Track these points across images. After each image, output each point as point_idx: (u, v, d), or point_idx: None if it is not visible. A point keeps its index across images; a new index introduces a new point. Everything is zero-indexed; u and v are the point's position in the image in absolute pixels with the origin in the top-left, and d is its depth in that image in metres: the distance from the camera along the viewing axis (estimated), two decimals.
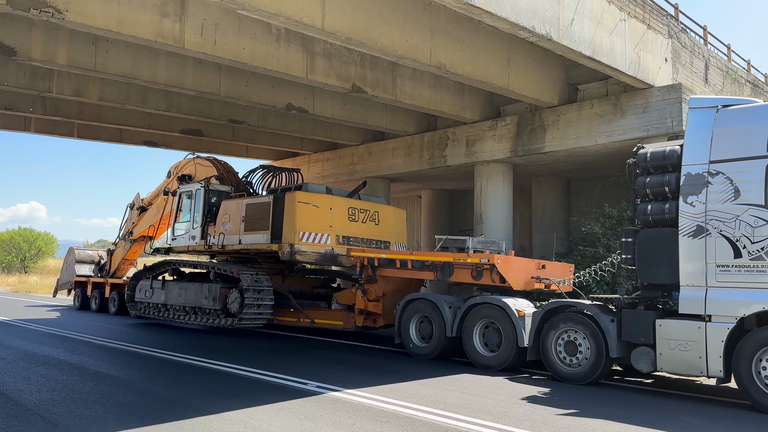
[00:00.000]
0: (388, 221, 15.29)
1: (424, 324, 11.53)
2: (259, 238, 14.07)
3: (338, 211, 14.14)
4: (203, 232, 15.69)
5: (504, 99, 17.02)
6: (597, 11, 12.44)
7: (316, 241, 13.61)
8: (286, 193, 13.86)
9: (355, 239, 14.29)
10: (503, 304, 10.36)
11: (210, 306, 14.44)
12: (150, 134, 21.95)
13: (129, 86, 16.54)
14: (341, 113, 17.85)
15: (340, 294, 14.33)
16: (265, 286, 13.79)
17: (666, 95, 14.01)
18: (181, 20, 11.75)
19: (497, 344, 10.42)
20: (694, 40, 16.11)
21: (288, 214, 13.52)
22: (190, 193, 16.35)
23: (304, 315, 14.46)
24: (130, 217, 20.74)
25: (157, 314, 16.33)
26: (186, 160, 17.91)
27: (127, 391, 8.12)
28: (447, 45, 12.79)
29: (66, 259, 24.37)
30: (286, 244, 13.40)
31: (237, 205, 14.91)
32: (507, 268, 10.94)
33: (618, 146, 15.09)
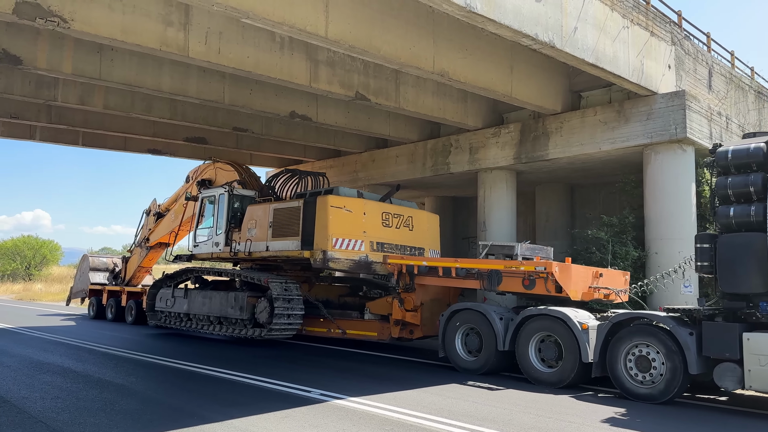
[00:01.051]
0: (422, 227, 14.61)
1: (471, 336, 10.77)
2: (288, 245, 13.44)
3: (371, 216, 13.46)
4: (227, 238, 15.12)
5: (507, 106, 17.04)
6: (600, 19, 12.46)
7: (350, 248, 12.98)
8: (318, 197, 13.20)
9: (389, 245, 13.60)
10: (563, 316, 9.52)
11: (236, 316, 13.88)
12: (154, 142, 22.03)
13: (133, 94, 16.61)
14: (345, 121, 17.90)
15: (373, 303, 13.57)
16: (295, 294, 13.22)
17: (670, 102, 14.00)
18: (185, 29, 11.82)
19: (556, 359, 9.65)
20: (697, 47, 16.12)
21: (320, 219, 12.88)
22: (213, 198, 15.78)
23: (335, 325, 13.81)
24: (147, 223, 20.24)
25: (178, 324, 15.72)
26: (205, 164, 17.46)
27: (131, 399, 8.11)
28: (450, 52, 12.83)
29: (79, 267, 23.80)
30: (319, 250, 12.74)
31: (264, 210, 14.29)
32: (566, 276, 10.09)
33: (621, 153, 15.08)
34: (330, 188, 13.95)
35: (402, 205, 14.61)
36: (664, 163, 14.21)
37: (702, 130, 14.32)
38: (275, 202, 14.34)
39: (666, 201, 14.11)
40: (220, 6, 9.70)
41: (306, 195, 13.88)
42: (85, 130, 19.88)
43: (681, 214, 13.96)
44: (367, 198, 13.86)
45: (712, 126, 14.78)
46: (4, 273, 49.86)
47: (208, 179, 16.85)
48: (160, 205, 19.69)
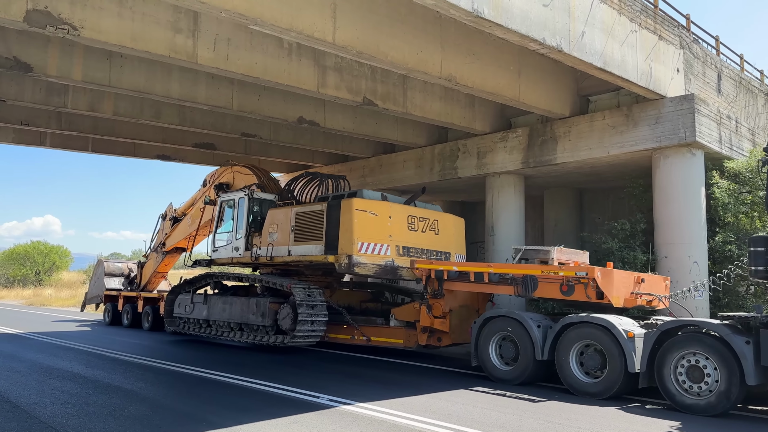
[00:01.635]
0: (448, 230, 14.23)
1: (506, 345, 10.41)
2: (311, 249, 13.15)
3: (397, 220, 13.10)
4: (247, 242, 14.84)
5: (515, 110, 17.02)
6: (608, 23, 12.43)
7: (375, 252, 12.62)
8: (342, 200, 12.91)
9: (415, 250, 13.26)
10: (607, 324, 9.09)
11: (258, 322, 13.60)
12: (163, 148, 22.14)
13: (143, 101, 16.71)
14: (352, 126, 17.93)
15: (399, 310, 13.25)
16: (319, 300, 12.93)
17: (678, 106, 13.93)
18: (194, 36, 11.89)
19: (599, 369, 9.27)
20: (706, 51, 16.04)
21: (344, 222, 12.56)
22: (232, 202, 15.55)
23: (359, 332, 13.47)
24: (163, 228, 19.97)
25: (197, 331, 15.46)
26: (223, 168, 17.23)
27: (140, 405, 8.14)
28: (457, 57, 12.83)
29: (94, 272, 23.44)
30: (344, 255, 12.39)
31: (285, 214, 14.00)
32: (608, 282, 9.61)
33: (630, 157, 15.01)
34: (354, 191, 13.60)
35: (426, 208, 14.25)
36: (673, 167, 14.13)
37: (711, 133, 14.25)
38: (297, 206, 14.03)
39: (675, 205, 14.02)
40: (228, 13, 9.76)
41: (328, 198, 13.57)
42: (95, 136, 20.00)
43: (690, 219, 13.87)
44: (392, 201, 13.51)
45: (721, 129, 14.70)
46: (15, 278, 50.21)
47: (225, 183, 16.60)
48: (176, 209, 19.46)
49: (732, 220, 14.25)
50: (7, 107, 17.18)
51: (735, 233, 14.10)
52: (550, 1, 11.11)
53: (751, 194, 14.23)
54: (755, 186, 14.24)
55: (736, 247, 13.82)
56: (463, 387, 9.98)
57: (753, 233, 13.98)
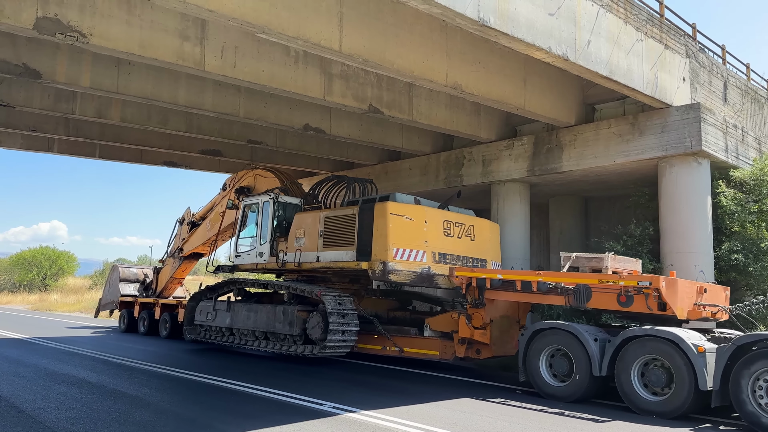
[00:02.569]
0: (484, 236, 13.59)
1: (558, 359, 9.80)
2: (341, 255, 12.61)
3: (433, 225, 12.51)
4: (272, 248, 14.34)
5: (520, 118, 17.03)
6: (613, 32, 12.46)
7: (411, 259, 12.03)
8: (376, 203, 12.31)
9: (452, 257, 12.65)
10: (675, 338, 8.50)
11: (285, 331, 13.02)
12: (170, 155, 22.26)
13: (150, 108, 16.82)
14: (358, 133, 17.98)
15: (434, 319, 12.61)
16: (350, 309, 12.31)
17: (684, 115, 13.92)
18: (201, 44, 11.98)
19: (664, 386, 8.67)
20: (712, 60, 16.04)
21: (378, 227, 11.99)
22: (256, 206, 15.04)
23: (391, 342, 12.85)
24: (180, 232, 19.50)
25: (220, 339, 14.89)
26: (244, 171, 16.82)
27: (144, 410, 8.15)
28: (463, 66, 12.88)
29: (109, 278, 22.81)
30: (378, 262, 11.82)
31: (313, 218, 13.46)
32: (672, 292, 9.06)
33: (636, 166, 14.99)
34: (385, 194, 13.04)
35: (461, 212, 13.60)
36: (680, 176, 14.10)
37: (717, 142, 14.22)
38: (326, 210, 13.56)
39: (681, 214, 13.98)
40: (236, 21, 9.84)
41: (358, 202, 13.05)
42: (102, 142, 20.13)
43: (697, 228, 13.83)
44: (424, 205, 12.88)
45: (727, 139, 14.67)
46: (21, 283, 50.41)
47: (247, 187, 16.11)
48: (194, 213, 19.06)
49: (738, 229, 14.20)
50: (15, 113, 17.33)
51: (741, 242, 14.04)
52: (555, 10, 11.15)
53: (758, 203, 14.18)
54: (762, 195, 14.20)
55: (743, 256, 13.76)
56: (469, 396, 9.94)
57: (759, 242, 13.93)
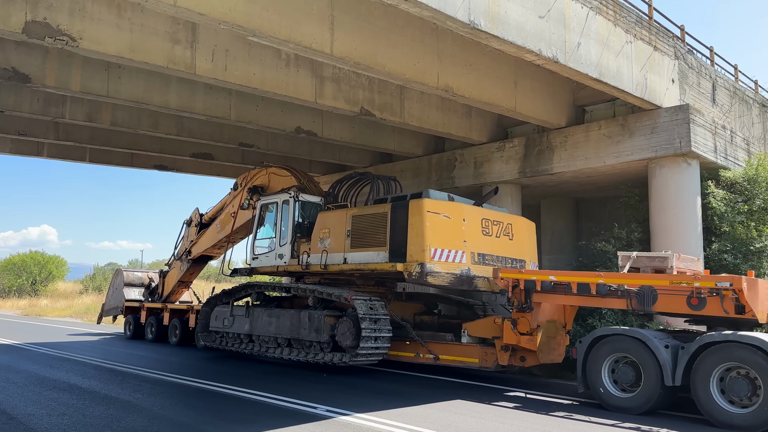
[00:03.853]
0: (522, 235, 12.88)
1: (622, 368, 9.12)
2: (372, 257, 11.89)
3: (471, 223, 11.79)
4: (293, 250, 13.62)
5: (511, 120, 17.10)
6: (603, 34, 12.54)
7: (450, 260, 11.31)
8: (410, 200, 11.66)
9: (491, 257, 11.96)
10: (762, 344, 7.81)
11: (312, 338, 12.30)
12: (161, 158, 22.18)
13: (140, 111, 16.76)
14: (350, 136, 17.99)
15: (473, 325, 11.84)
16: (382, 314, 11.62)
17: (674, 116, 14.03)
18: (192, 47, 11.96)
19: (749, 396, 7.99)
20: (700, 61, 16.17)
21: (414, 226, 11.29)
22: (274, 205, 14.34)
23: (426, 349, 12.11)
24: (188, 234, 18.76)
25: (238, 346, 14.12)
26: (257, 169, 16.10)
27: (137, 416, 8.10)
28: (454, 68, 12.92)
29: (113, 282, 21.91)
30: (414, 263, 11.12)
31: (339, 217, 12.75)
32: (753, 293, 8.40)
33: (626, 167, 15.09)
34: (418, 192, 12.29)
35: (494, 210, 12.86)
36: (669, 177, 14.21)
37: (706, 143, 14.34)
38: (354, 209, 12.82)
39: (671, 215, 14.08)
40: (227, 24, 9.83)
41: (387, 200, 12.44)
42: (92, 146, 20.04)
43: (686, 228, 13.93)
44: (459, 202, 12.18)
45: (716, 139, 14.79)
46: (11, 288, 50.00)
47: (260, 186, 15.40)
48: (202, 215, 18.36)
49: (728, 229, 14.31)
50: (4, 117, 17.22)
51: (731, 242, 14.15)
52: (545, 13, 11.21)
53: (747, 204, 14.31)
54: (753, 195, 14.32)
55: (733, 256, 13.87)
56: (461, 398, 9.95)
57: (749, 243, 14.05)
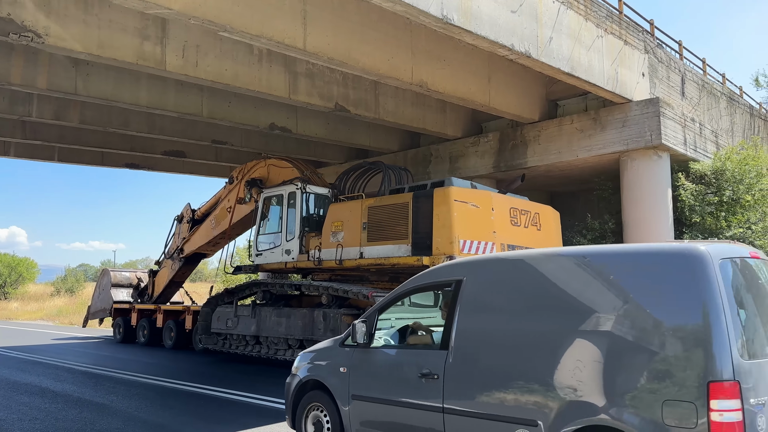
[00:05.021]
0: (550, 225, 12.33)
1: None
2: (392, 250, 11.17)
3: (500, 213, 11.15)
4: (301, 245, 12.94)
5: (486, 115, 17.20)
6: (574, 28, 12.66)
7: (480, 252, 10.68)
8: (435, 189, 10.93)
9: (520, 248, 11.16)
10: None
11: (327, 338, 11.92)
12: (132, 156, 21.83)
13: (110, 109, 16.46)
14: (324, 132, 17.91)
15: None
16: None
17: (644, 109, 14.25)
18: (162, 43, 11.77)
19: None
20: (670, 55, 16.44)
21: (440, 216, 10.59)
22: (279, 198, 13.63)
23: None
24: (179, 231, 17.87)
25: (243, 348, 13.43)
26: (254, 161, 15.40)
27: (112, 418, 7.97)
28: (428, 63, 12.93)
29: (99, 283, 20.92)
30: (442, 256, 10.44)
31: (353, 209, 12.04)
32: None
33: (598, 160, 15.29)
34: (439, 180, 11.70)
35: (518, 198, 12.19)
36: (640, 170, 14.43)
37: (676, 136, 14.59)
38: (369, 199, 12.06)
39: (643, 206, 14.32)
40: (197, 20, 9.69)
41: (405, 189, 11.86)
42: (61, 145, 19.64)
43: (658, 219, 14.18)
44: (486, 190, 11.61)
45: (686, 132, 15.06)
46: None
47: (259, 178, 14.68)
48: (195, 210, 17.54)
49: (698, 220, 14.61)
50: None
51: (701, 233, 14.44)
52: (518, 8, 11.28)
53: (716, 195, 14.61)
54: (722, 187, 14.62)
55: None
56: None
57: (719, 233, 14.36)
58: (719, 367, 3.62)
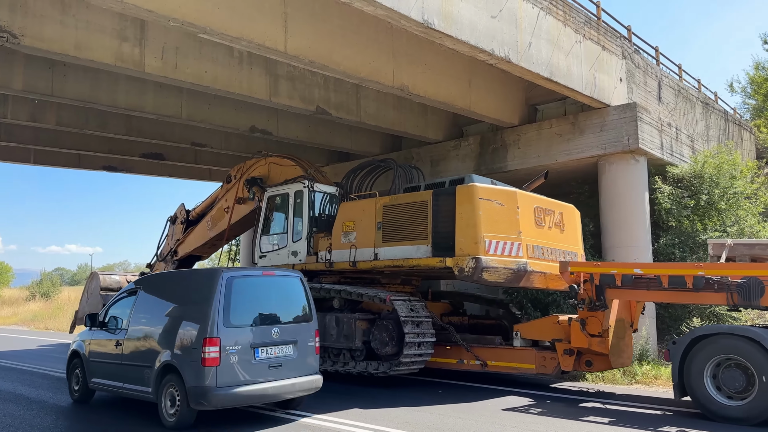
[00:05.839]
0: (573, 225, 11.85)
1: (728, 372, 8.10)
2: (410, 251, 10.69)
3: (525, 212, 10.65)
4: (309, 246, 12.44)
5: (467, 119, 17.29)
6: (554, 34, 12.80)
7: (506, 253, 10.17)
8: (459, 186, 10.50)
9: (546, 250, 10.87)
10: None
11: (341, 345, 11.01)
12: (109, 159, 21.52)
13: (87, 111, 16.24)
14: (306, 135, 17.86)
15: (527, 326, 10.97)
16: (423, 316, 10.48)
17: (622, 114, 14.44)
18: (141, 44, 11.65)
19: None
20: (647, 61, 16.69)
21: (464, 215, 10.14)
22: (283, 197, 13.07)
23: (471, 355, 11.02)
24: (172, 233, 17.22)
25: None
26: (254, 159, 14.75)
27: (89, 425, 7.84)
28: (409, 67, 12.97)
29: (87, 287, 20.11)
30: (467, 257, 9.95)
31: (366, 208, 11.54)
32: None
33: (577, 164, 15.45)
34: (459, 177, 11.24)
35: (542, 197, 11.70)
36: (618, 173, 14.62)
37: (653, 140, 14.81)
38: (384, 198, 11.54)
39: (621, 210, 14.50)
40: (177, 21, 9.60)
41: (421, 188, 11.50)
42: (37, 147, 19.32)
43: (636, 223, 14.36)
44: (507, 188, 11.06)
45: (662, 137, 15.30)
46: None
47: (259, 177, 14.13)
48: (190, 210, 16.93)
49: (675, 223, 14.83)
50: None
51: (678, 236, 14.66)
52: (497, 13, 11.37)
53: (693, 199, 14.85)
54: (699, 191, 14.87)
55: (680, 249, 14.38)
56: (425, 394, 9.96)
57: (695, 236, 14.59)
58: (209, 331, 7.36)
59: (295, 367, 8.01)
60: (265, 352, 7.73)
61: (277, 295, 8.45)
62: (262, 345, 7.72)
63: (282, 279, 8.65)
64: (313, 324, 8.51)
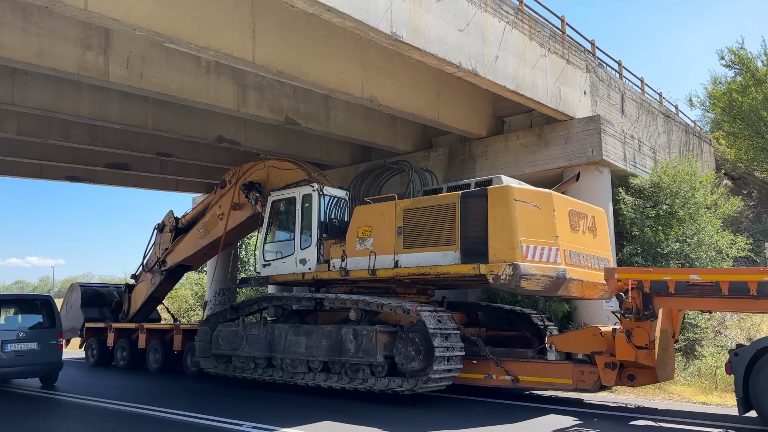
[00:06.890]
0: (604, 230, 11.31)
1: None
2: (436, 258, 9.95)
3: (560, 215, 9.96)
4: (319, 253, 11.68)
5: (436, 130, 17.43)
6: (519, 48, 13.02)
7: (543, 259, 9.46)
8: (490, 188, 9.83)
9: (582, 256, 10.22)
10: None
11: (359, 360, 10.13)
12: (73, 169, 21.04)
13: (50, 120, 15.87)
14: (275, 145, 17.76)
15: (562, 338, 10.29)
16: (452, 328, 9.78)
17: (586, 126, 14.74)
18: (105, 53, 11.46)
19: None
20: (610, 74, 17.10)
21: (498, 218, 9.46)
22: (291, 201, 12.29)
23: (501, 370, 10.23)
24: (160, 242, 16.33)
25: (252, 372, 11.83)
26: (251, 163, 14.08)
27: None
28: (378, 79, 13.03)
29: (67, 300, 18.80)
30: (503, 264, 9.25)
31: (385, 212, 10.78)
32: None
33: (543, 175, 15.68)
34: (487, 178, 10.62)
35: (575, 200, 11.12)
36: (582, 184, 14.84)
37: (617, 152, 15.15)
38: (405, 201, 10.80)
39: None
40: (142, 30, 9.49)
41: (442, 190, 10.91)
42: None
43: None
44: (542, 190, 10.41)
45: (626, 148, 15.66)
46: None
47: (257, 182, 13.47)
48: (179, 218, 16.10)
49: (638, 233, 15.15)
50: None
51: (641, 245, 14.98)
52: (465, 27, 11.53)
53: (654, 209, 15.20)
54: (659, 201, 15.24)
55: (643, 258, 14.68)
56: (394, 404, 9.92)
57: (657, 246, 14.93)
58: None
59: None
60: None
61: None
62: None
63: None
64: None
